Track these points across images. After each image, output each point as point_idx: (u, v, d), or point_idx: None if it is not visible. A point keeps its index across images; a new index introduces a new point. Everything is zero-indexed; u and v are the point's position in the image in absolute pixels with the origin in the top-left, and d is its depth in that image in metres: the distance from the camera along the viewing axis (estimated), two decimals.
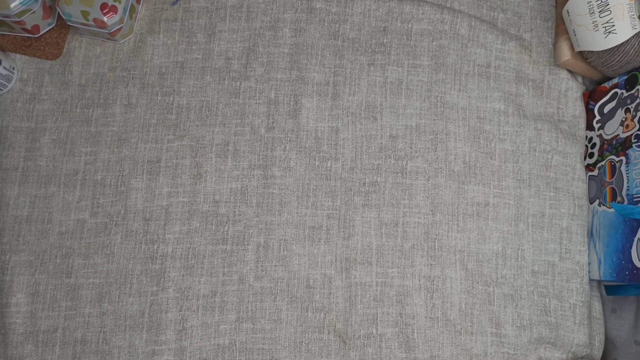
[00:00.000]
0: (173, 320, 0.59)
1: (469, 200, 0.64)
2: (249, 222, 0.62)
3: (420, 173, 0.65)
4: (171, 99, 0.66)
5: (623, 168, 0.61)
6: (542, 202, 0.65)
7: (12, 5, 0.59)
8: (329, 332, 0.60)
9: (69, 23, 0.63)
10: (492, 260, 0.63)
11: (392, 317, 0.61)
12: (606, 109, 0.66)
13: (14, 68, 0.66)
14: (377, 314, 0.61)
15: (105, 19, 0.61)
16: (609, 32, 0.60)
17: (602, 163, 0.65)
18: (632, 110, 0.62)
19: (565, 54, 0.67)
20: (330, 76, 0.67)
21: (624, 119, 0.63)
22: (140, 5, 0.69)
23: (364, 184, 0.64)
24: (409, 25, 0.69)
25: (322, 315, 0.60)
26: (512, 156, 0.66)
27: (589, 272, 0.64)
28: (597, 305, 0.65)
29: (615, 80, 0.66)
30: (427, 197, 0.64)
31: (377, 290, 0.61)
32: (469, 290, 0.62)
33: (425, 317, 0.61)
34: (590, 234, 0.65)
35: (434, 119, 0.66)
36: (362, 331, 0.60)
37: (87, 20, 0.62)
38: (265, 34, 0.68)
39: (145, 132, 0.65)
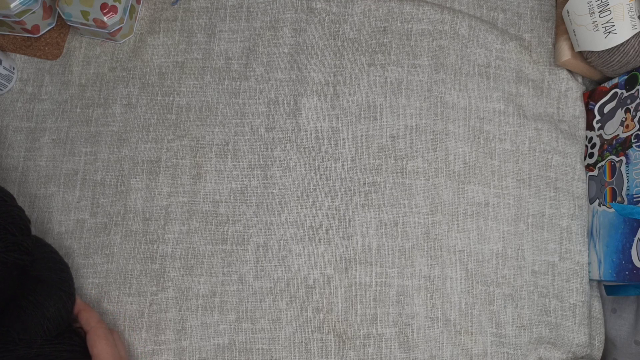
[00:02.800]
0: (172, 320, 0.59)
1: (469, 200, 0.64)
2: (249, 222, 0.62)
3: (420, 173, 0.65)
4: (171, 99, 0.66)
5: (623, 168, 0.61)
6: (542, 202, 0.65)
7: (12, 5, 0.59)
8: (328, 332, 0.60)
9: (69, 23, 0.63)
10: (492, 260, 0.63)
11: (391, 317, 0.61)
12: (606, 109, 0.66)
13: (14, 68, 0.66)
14: (377, 314, 0.61)
15: (105, 19, 0.61)
16: (609, 32, 0.60)
17: (602, 163, 0.65)
18: (632, 110, 0.62)
19: (565, 54, 0.67)
20: (330, 76, 0.67)
21: (624, 119, 0.63)
22: (140, 5, 0.69)
23: (364, 184, 0.64)
24: (409, 25, 0.69)
25: (321, 315, 0.60)
26: (512, 156, 0.66)
27: (589, 272, 0.64)
28: (597, 305, 0.65)
29: (615, 80, 0.65)
30: (427, 197, 0.64)
31: (376, 290, 0.61)
32: (469, 290, 0.62)
33: (425, 317, 0.61)
34: (590, 234, 0.65)
35: (434, 119, 0.66)
36: (361, 331, 0.60)
37: (87, 20, 0.62)
38: (265, 34, 0.68)
39: (145, 132, 0.65)
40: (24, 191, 0.63)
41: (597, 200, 0.65)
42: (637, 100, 0.61)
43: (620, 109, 0.64)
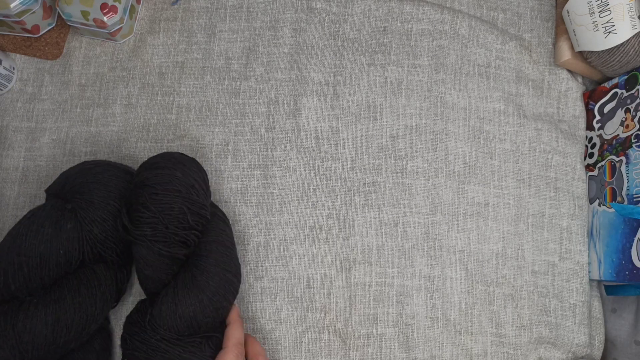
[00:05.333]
0: None
1: (469, 200, 0.64)
2: (249, 222, 0.62)
3: (420, 173, 0.65)
4: (171, 99, 0.66)
5: (623, 168, 0.61)
6: (542, 202, 0.65)
7: (12, 5, 0.59)
8: (329, 332, 0.60)
9: (69, 23, 0.63)
10: (492, 260, 0.63)
11: (392, 317, 0.61)
12: (606, 109, 0.66)
13: (14, 68, 0.66)
14: (377, 314, 0.61)
15: (105, 19, 0.61)
16: (609, 32, 0.60)
17: (602, 163, 0.65)
18: (632, 110, 0.62)
19: (565, 54, 0.67)
20: (330, 76, 0.67)
21: (624, 119, 0.63)
22: (140, 5, 0.69)
23: (364, 184, 0.64)
24: (409, 25, 0.69)
25: (322, 315, 0.60)
26: (512, 156, 0.66)
27: (589, 272, 0.64)
28: (597, 305, 0.65)
29: (615, 80, 0.66)
30: (427, 197, 0.64)
31: (377, 290, 0.61)
32: (469, 290, 0.62)
33: (425, 317, 0.61)
34: (590, 234, 0.65)
35: (434, 119, 0.66)
36: (362, 331, 0.60)
37: (87, 20, 0.62)
38: (265, 34, 0.68)
39: (145, 132, 0.65)
40: (24, 191, 0.63)
41: (597, 200, 0.65)
42: (637, 100, 0.61)
43: (620, 109, 0.64)
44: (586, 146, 0.68)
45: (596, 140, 0.67)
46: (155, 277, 0.52)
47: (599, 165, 0.65)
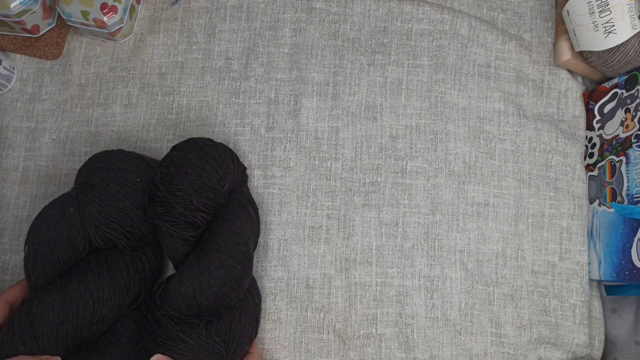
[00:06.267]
0: None
1: (469, 200, 0.64)
2: None
3: (420, 173, 0.65)
4: (171, 99, 0.66)
5: (623, 168, 0.61)
6: (542, 202, 0.65)
7: (12, 5, 0.59)
8: (328, 332, 0.60)
9: (69, 23, 0.63)
10: (492, 260, 0.63)
11: (391, 317, 0.61)
12: (606, 109, 0.66)
13: (14, 68, 0.66)
14: (377, 314, 0.61)
15: (105, 19, 0.62)
16: (609, 32, 0.60)
17: (602, 163, 0.65)
18: (632, 110, 0.62)
19: (565, 54, 0.67)
20: (330, 76, 0.67)
21: (624, 119, 0.63)
22: (140, 5, 0.69)
23: (364, 184, 0.64)
24: (409, 25, 0.69)
25: (321, 315, 0.60)
26: (512, 156, 0.66)
27: (589, 272, 0.64)
28: (597, 305, 0.65)
29: (615, 80, 0.65)
30: (427, 197, 0.64)
31: (376, 290, 0.61)
32: (469, 290, 0.62)
33: (425, 317, 0.61)
34: (590, 234, 0.65)
35: (434, 119, 0.66)
36: (361, 331, 0.60)
37: (87, 20, 0.62)
38: (265, 34, 0.68)
39: (145, 132, 0.65)
40: (24, 191, 0.63)
41: (597, 200, 0.65)
42: (637, 100, 0.61)
43: (620, 109, 0.64)
44: (586, 146, 0.68)
45: (596, 140, 0.67)
46: (171, 255, 0.54)
47: (599, 165, 0.65)
